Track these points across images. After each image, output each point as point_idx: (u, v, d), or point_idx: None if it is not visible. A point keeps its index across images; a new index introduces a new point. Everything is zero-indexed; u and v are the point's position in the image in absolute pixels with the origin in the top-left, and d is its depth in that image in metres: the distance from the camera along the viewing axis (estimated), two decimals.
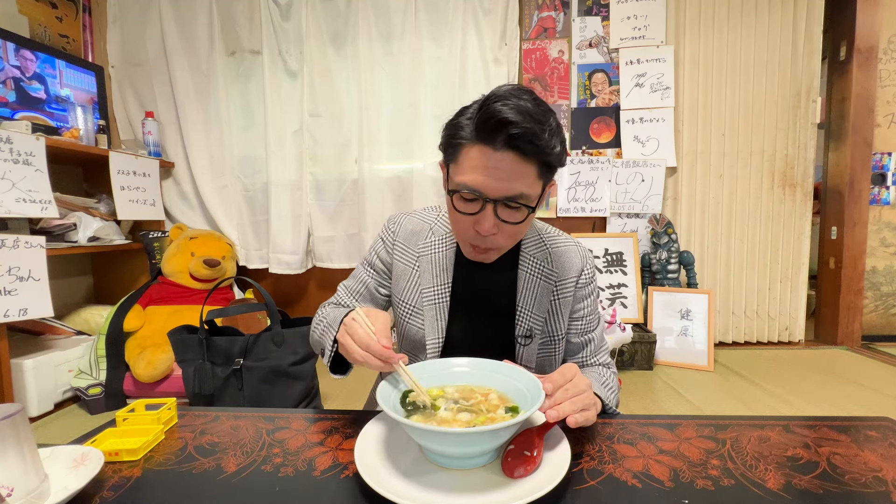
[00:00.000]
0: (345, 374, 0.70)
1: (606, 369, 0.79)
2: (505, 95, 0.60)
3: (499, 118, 0.58)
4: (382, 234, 0.84)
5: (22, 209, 1.65)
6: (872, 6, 2.45)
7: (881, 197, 2.61)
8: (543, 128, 0.60)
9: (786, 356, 2.41)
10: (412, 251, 0.80)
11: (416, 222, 0.83)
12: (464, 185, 0.63)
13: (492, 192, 0.62)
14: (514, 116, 0.58)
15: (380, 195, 2.48)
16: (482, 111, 0.61)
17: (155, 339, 1.87)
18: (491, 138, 0.60)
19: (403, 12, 2.41)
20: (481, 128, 0.60)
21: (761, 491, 0.47)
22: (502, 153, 0.60)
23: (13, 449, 0.44)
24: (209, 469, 0.52)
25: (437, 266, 0.78)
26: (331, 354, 0.67)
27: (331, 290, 2.64)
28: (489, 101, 0.60)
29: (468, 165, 0.63)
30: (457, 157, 0.65)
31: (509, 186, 0.62)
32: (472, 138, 0.62)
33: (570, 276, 0.78)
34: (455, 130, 0.65)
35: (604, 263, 2.47)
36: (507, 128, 0.58)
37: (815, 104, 2.47)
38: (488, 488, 0.46)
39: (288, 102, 2.48)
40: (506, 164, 0.61)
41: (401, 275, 0.80)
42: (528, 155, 0.60)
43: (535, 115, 0.59)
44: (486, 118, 0.60)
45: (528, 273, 0.77)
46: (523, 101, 0.60)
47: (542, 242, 0.79)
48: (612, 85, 2.53)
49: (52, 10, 2.27)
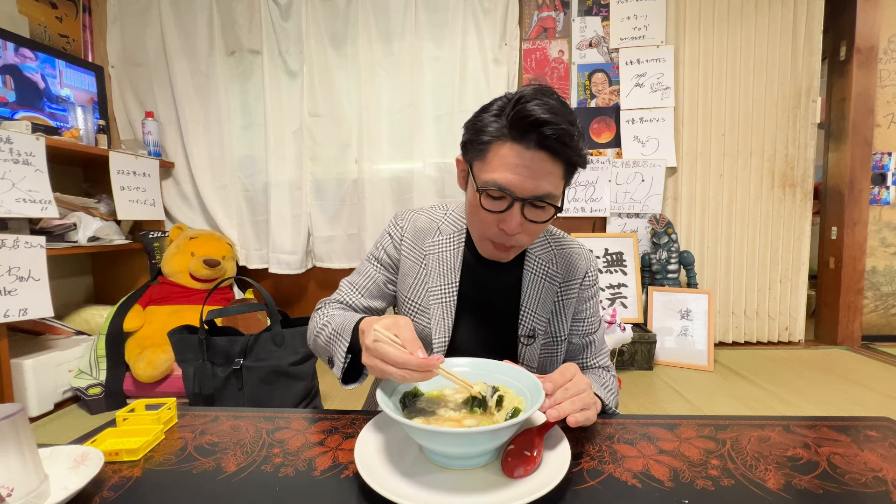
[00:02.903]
0: (358, 383, 0.69)
1: (606, 372, 0.80)
2: (535, 95, 0.60)
3: (535, 117, 0.58)
4: (390, 229, 0.83)
5: (22, 209, 1.65)
6: (872, 6, 2.45)
7: (881, 197, 2.60)
8: (573, 129, 0.60)
9: (786, 356, 2.41)
10: (419, 249, 0.79)
11: (424, 220, 0.82)
12: (493, 182, 0.62)
13: (521, 191, 0.62)
14: (549, 116, 0.58)
15: (380, 195, 2.48)
16: (516, 109, 0.60)
17: (155, 339, 1.87)
18: (524, 137, 0.60)
19: (403, 12, 2.41)
20: (515, 126, 0.60)
21: (761, 491, 0.47)
22: (534, 152, 0.60)
23: (13, 449, 0.44)
24: (209, 469, 0.52)
25: (445, 265, 0.77)
26: (343, 366, 0.65)
27: (331, 290, 2.62)
28: (522, 100, 0.60)
29: (498, 163, 0.62)
30: (485, 154, 0.64)
31: (538, 185, 0.62)
32: (503, 136, 0.62)
33: (575, 278, 0.78)
34: (482, 127, 0.64)
35: (604, 263, 2.47)
36: (541, 127, 0.58)
37: (815, 104, 2.47)
38: (488, 488, 0.46)
39: (288, 102, 2.48)
40: (537, 164, 0.61)
41: (408, 272, 0.80)
42: (558, 155, 0.61)
43: (567, 115, 0.60)
44: (520, 116, 0.59)
45: (532, 273, 0.77)
46: (553, 100, 0.60)
47: (548, 243, 0.79)
48: (612, 85, 2.53)
49: (52, 10, 2.27)
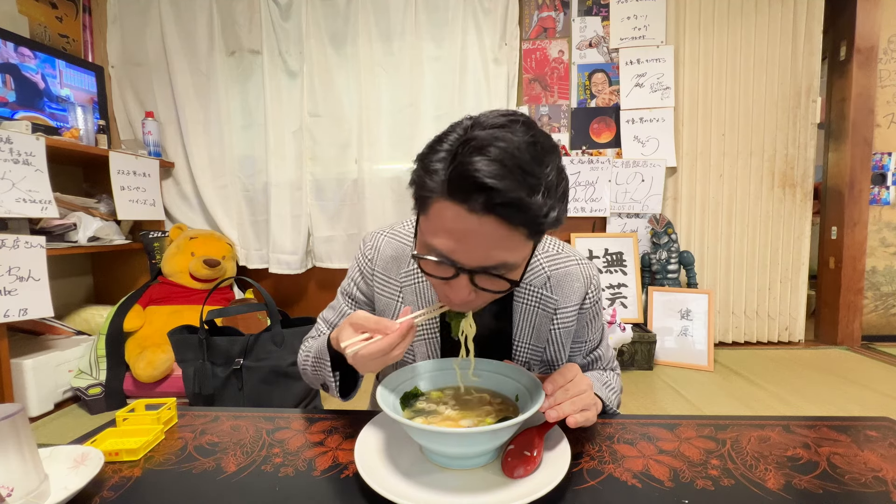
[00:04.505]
0: (355, 392, 0.68)
1: (611, 371, 0.79)
2: (487, 141, 0.45)
3: (475, 181, 0.44)
4: (360, 260, 0.75)
5: (22, 209, 1.65)
6: (872, 6, 2.45)
7: (881, 197, 2.60)
8: (536, 187, 0.45)
9: (786, 356, 2.41)
10: (394, 281, 0.72)
11: (395, 245, 0.73)
12: (433, 248, 0.50)
13: (467, 261, 0.49)
14: (494, 182, 0.43)
15: (380, 195, 2.48)
16: (455, 164, 0.46)
17: (155, 339, 1.87)
18: (468, 199, 0.45)
19: (403, 12, 2.41)
20: (454, 186, 0.46)
21: (761, 491, 0.47)
22: (480, 217, 0.46)
23: (13, 449, 0.44)
24: (209, 469, 0.52)
25: (423, 297, 0.70)
26: (337, 385, 0.64)
27: (330, 289, 2.64)
28: (466, 150, 0.45)
29: (440, 226, 0.49)
30: (427, 210, 0.50)
31: (487, 255, 0.48)
32: (443, 193, 0.47)
33: (572, 304, 0.70)
34: (424, 175, 0.49)
35: (604, 263, 2.47)
36: (485, 193, 0.44)
37: (815, 104, 2.47)
38: (488, 488, 0.46)
39: (288, 102, 2.48)
40: (485, 230, 0.46)
41: (384, 309, 0.73)
42: (514, 222, 0.46)
43: (526, 167, 0.45)
44: (460, 175, 0.45)
45: (524, 304, 0.69)
46: (512, 146, 0.45)
47: (540, 265, 0.69)
48: (612, 85, 2.53)
49: (52, 10, 2.27)
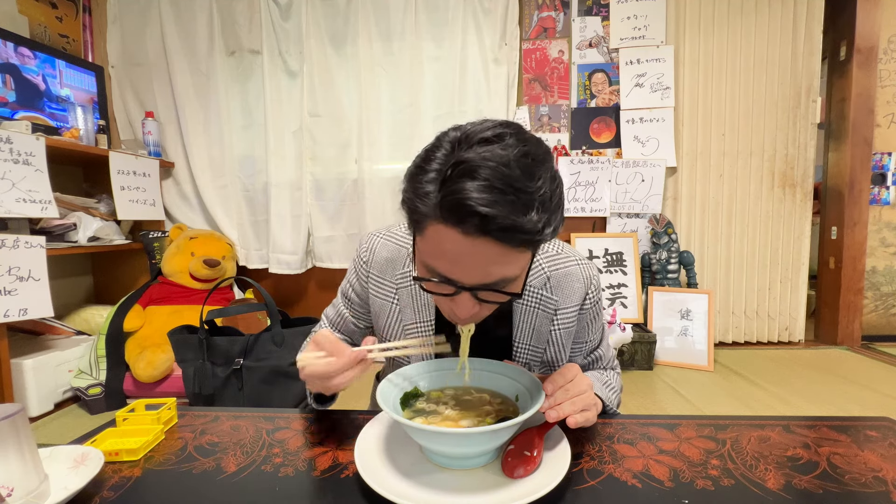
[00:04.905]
0: (327, 405, 0.73)
1: (611, 370, 0.79)
2: (476, 163, 0.43)
3: (466, 207, 0.43)
4: (356, 262, 0.77)
5: (22, 209, 1.65)
6: (872, 6, 2.44)
7: (881, 197, 2.60)
8: (530, 203, 0.44)
9: (786, 356, 2.41)
10: (389, 283, 0.72)
11: (391, 248, 0.73)
12: (433, 269, 0.50)
13: (467, 280, 0.49)
14: (487, 207, 0.42)
15: (380, 195, 2.48)
16: (446, 190, 0.45)
17: (155, 339, 1.87)
18: (462, 223, 0.44)
19: (403, 12, 2.41)
20: (447, 213, 0.45)
21: (761, 491, 0.47)
22: (475, 239, 0.45)
23: (13, 449, 0.44)
24: (209, 469, 0.52)
25: (419, 300, 0.69)
26: (310, 392, 0.70)
27: (330, 289, 2.64)
28: (455, 173, 0.44)
29: (436, 248, 0.49)
30: (423, 231, 0.50)
31: (487, 273, 0.48)
32: (437, 217, 0.46)
33: (572, 304, 0.70)
34: (416, 199, 0.48)
35: (604, 263, 2.47)
36: (478, 217, 0.43)
37: (815, 104, 2.47)
38: (488, 488, 0.46)
39: (288, 102, 2.48)
40: (481, 250, 0.46)
41: (379, 311, 0.73)
42: (510, 243, 0.46)
43: (518, 185, 0.44)
44: (450, 200, 0.44)
45: (524, 305, 0.69)
46: (502, 164, 0.44)
47: (540, 266, 0.69)
48: (612, 85, 2.53)
49: (52, 10, 2.27)
